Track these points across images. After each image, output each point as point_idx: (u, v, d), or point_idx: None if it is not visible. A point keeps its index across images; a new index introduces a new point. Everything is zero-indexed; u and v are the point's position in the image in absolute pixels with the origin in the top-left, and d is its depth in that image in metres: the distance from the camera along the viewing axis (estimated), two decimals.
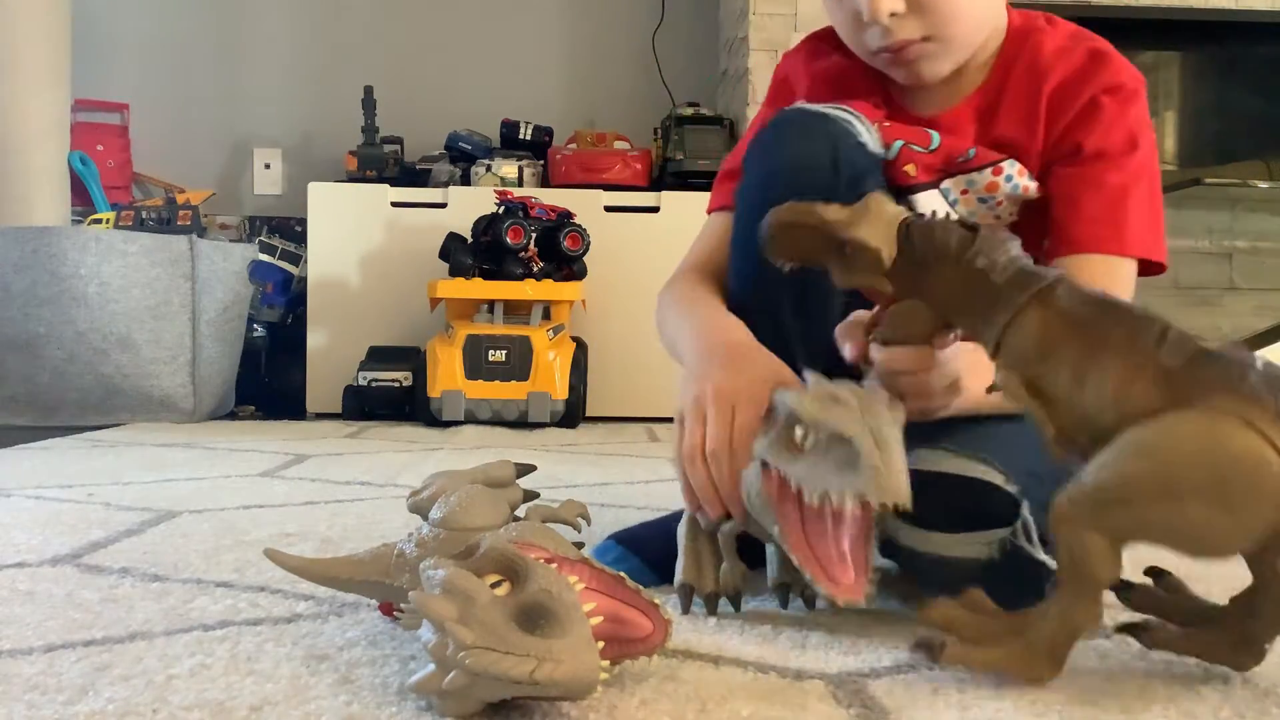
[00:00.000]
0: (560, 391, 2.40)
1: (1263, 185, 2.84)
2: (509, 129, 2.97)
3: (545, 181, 2.87)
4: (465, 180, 2.85)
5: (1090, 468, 0.60)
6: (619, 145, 2.93)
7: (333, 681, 0.62)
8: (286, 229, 3.08)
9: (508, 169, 2.84)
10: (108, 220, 2.68)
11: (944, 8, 0.90)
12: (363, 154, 2.85)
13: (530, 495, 0.81)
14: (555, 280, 2.53)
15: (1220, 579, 0.92)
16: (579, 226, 2.53)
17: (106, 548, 1.01)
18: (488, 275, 2.51)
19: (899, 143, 0.93)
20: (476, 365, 2.42)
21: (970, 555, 0.75)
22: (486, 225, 2.53)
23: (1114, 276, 0.88)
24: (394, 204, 2.75)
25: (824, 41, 1.02)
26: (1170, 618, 0.70)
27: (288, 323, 2.88)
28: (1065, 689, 0.63)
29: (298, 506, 1.27)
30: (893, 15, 0.89)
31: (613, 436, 2.26)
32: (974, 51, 0.94)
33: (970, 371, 0.74)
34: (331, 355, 2.70)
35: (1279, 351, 2.49)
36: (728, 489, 0.75)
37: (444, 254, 2.54)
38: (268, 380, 2.84)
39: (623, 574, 0.61)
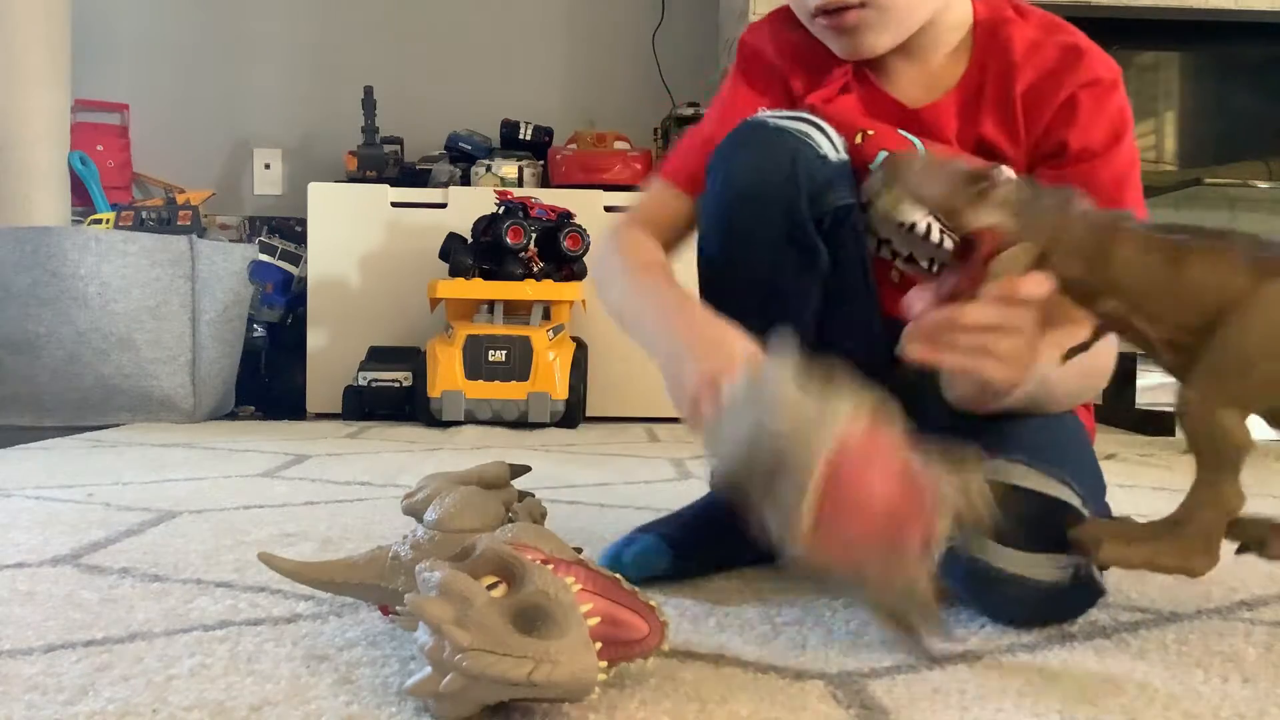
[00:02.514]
0: (560, 392, 2.40)
1: (1263, 185, 2.84)
2: (509, 129, 2.97)
3: (545, 182, 2.87)
4: (465, 180, 2.85)
5: (1206, 356, 0.67)
6: (619, 145, 2.93)
7: (333, 681, 0.62)
8: (286, 229, 3.08)
9: (508, 169, 2.84)
10: (108, 220, 2.68)
11: None
12: (363, 154, 2.86)
13: (525, 495, 0.81)
14: (555, 280, 2.53)
15: None
16: (579, 227, 2.53)
17: (106, 548, 1.01)
18: (488, 275, 2.51)
19: (883, 153, 0.91)
20: (476, 365, 2.42)
21: (1043, 577, 0.73)
22: (486, 225, 2.53)
23: None
24: (394, 204, 2.75)
25: (786, 20, 0.99)
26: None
27: (288, 323, 2.88)
28: (1065, 689, 0.63)
29: (298, 506, 1.27)
30: None
31: (613, 437, 2.26)
32: (926, 38, 0.91)
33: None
34: (331, 355, 2.70)
35: None
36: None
37: (444, 254, 2.55)
38: (268, 380, 2.84)
39: (619, 576, 0.61)
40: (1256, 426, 0.68)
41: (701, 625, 0.76)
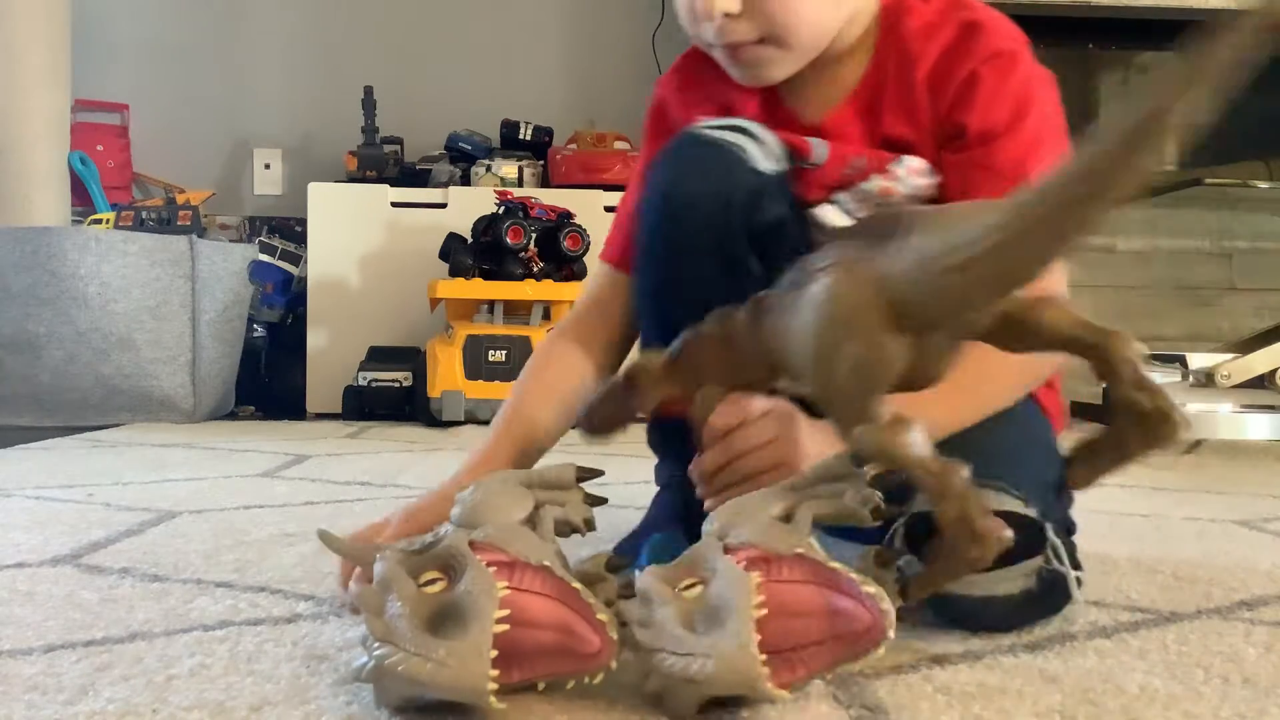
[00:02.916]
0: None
1: (1263, 185, 2.84)
2: (509, 129, 2.97)
3: (545, 182, 2.87)
4: (465, 180, 2.85)
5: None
6: (619, 145, 2.93)
7: (333, 681, 0.62)
8: (286, 229, 3.08)
9: (508, 169, 2.84)
10: (108, 220, 2.68)
11: (782, 12, 0.85)
12: (363, 154, 2.86)
13: (597, 500, 0.78)
14: (555, 280, 2.53)
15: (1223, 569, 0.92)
16: (579, 227, 2.53)
17: (106, 548, 1.01)
18: (488, 275, 2.51)
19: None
20: (476, 365, 2.42)
21: (1012, 590, 0.72)
22: (486, 225, 2.53)
23: None
24: (394, 204, 2.75)
25: (699, 55, 0.97)
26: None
27: (288, 323, 2.88)
28: (1065, 689, 0.63)
29: (298, 506, 1.27)
30: (726, 15, 0.85)
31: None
32: (828, 44, 0.89)
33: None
34: (331, 355, 2.70)
35: (1279, 353, 2.49)
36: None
37: (444, 254, 2.55)
38: (268, 380, 2.84)
39: (578, 587, 0.58)
40: (1264, 428, 0.65)
41: None
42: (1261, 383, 2.48)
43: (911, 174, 0.88)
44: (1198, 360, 2.52)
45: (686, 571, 0.59)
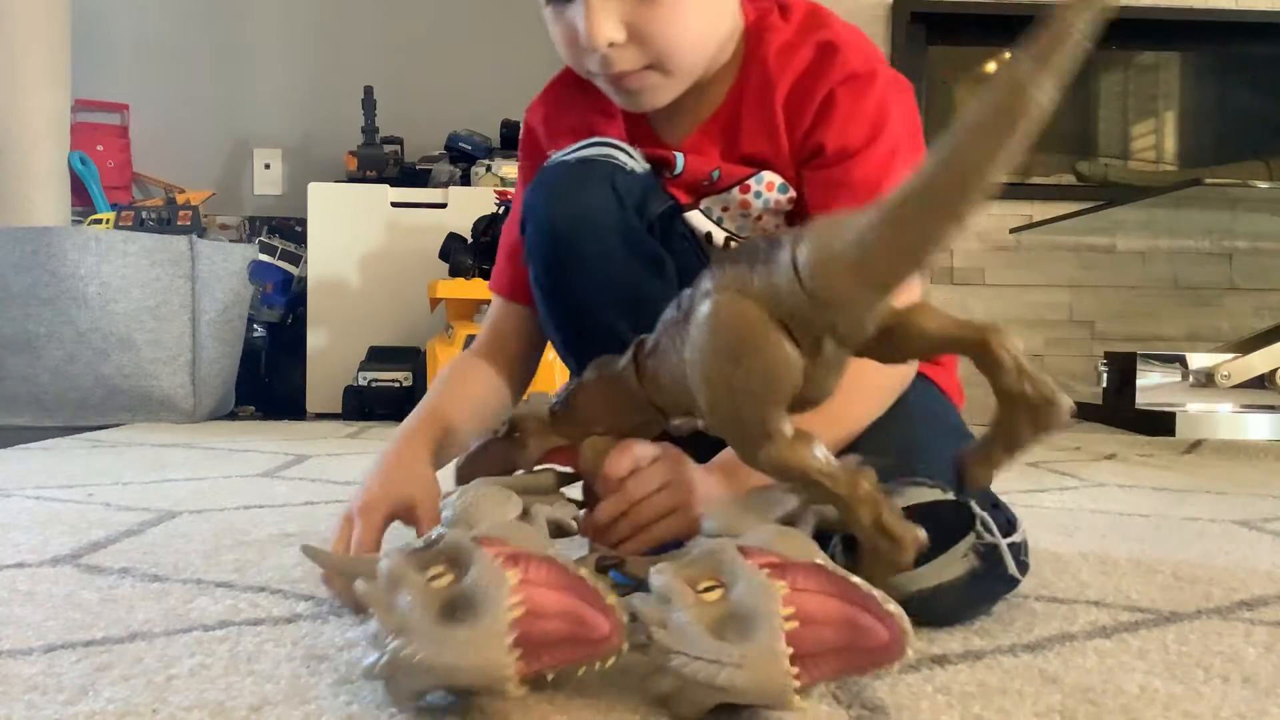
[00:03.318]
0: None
1: (1263, 185, 2.84)
2: (509, 129, 2.97)
3: None
4: (465, 180, 2.85)
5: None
6: None
7: (333, 681, 0.62)
8: (286, 229, 3.08)
9: (508, 169, 2.84)
10: (108, 220, 2.68)
11: (666, 38, 0.85)
12: (363, 154, 2.86)
13: (577, 504, 0.79)
14: None
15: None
16: None
17: (106, 548, 1.01)
18: (488, 275, 2.51)
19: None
20: None
21: (952, 576, 0.72)
22: (486, 225, 2.53)
23: None
24: (394, 204, 2.75)
25: (563, 83, 1.00)
26: None
27: (288, 323, 2.88)
28: (1065, 689, 0.63)
29: (298, 506, 1.27)
30: (611, 45, 0.84)
31: None
32: (704, 68, 0.90)
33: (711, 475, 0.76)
34: (331, 355, 2.70)
35: (1279, 353, 2.49)
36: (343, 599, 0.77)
37: (444, 254, 2.55)
38: (268, 380, 2.84)
39: (584, 574, 0.58)
40: (1264, 428, 0.66)
41: None
42: (1261, 383, 2.48)
43: (767, 189, 0.91)
44: (1198, 360, 2.52)
45: (705, 572, 0.59)
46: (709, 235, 0.94)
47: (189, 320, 2.44)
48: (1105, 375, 2.65)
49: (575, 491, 0.82)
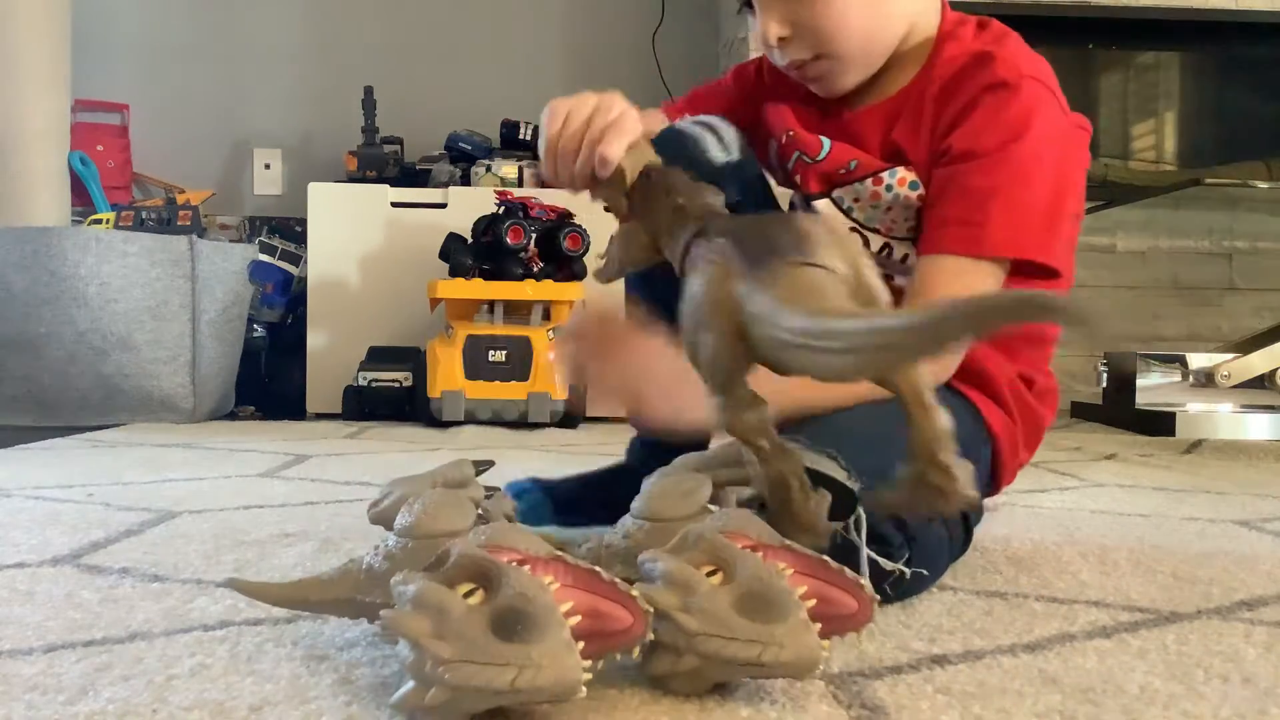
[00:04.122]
0: (560, 392, 2.40)
1: (1263, 185, 2.84)
2: (509, 129, 2.97)
3: (545, 182, 2.87)
4: (465, 180, 2.85)
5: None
6: None
7: (333, 681, 0.62)
8: (286, 229, 3.08)
9: (508, 169, 2.84)
10: (108, 220, 2.68)
11: (824, 29, 0.93)
12: (363, 154, 2.86)
13: (491, 492, 0.80)
14: (555, 280, 2.53)
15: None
16: (579, 227, 2.53)
17: (106, 548, 1.01)
18: (488, 275, 2.51)
19: (797, 154, 0.99)
20: (476, 365, 2.42)
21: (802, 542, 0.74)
22: (486, 225, 2.53)
23: (964, 278, 0.86)
24: (394, 204, 2.75)
25: None
26: None
27: (288, 323, 2.88)
28: (1065, 689, 0.63)
29: (298, 506, 1.27)
30: (780, 39, 0.94)
31: (612, 437, 2.26)
32: (887, 56, 0.96)
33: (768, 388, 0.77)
34: (331, 355, 2.70)
35: (1279, 353, 2.49)
36: (574, 178, 0.87)
37: (444, 254, 2.55)
38: (268, 380, 2.84)
39: (598, 568, 0.59)
40: (1264, 428, 0.66)
41: None
42: (1261, 383, 2.48)
43: (899, 184, 0.94)
44: (1198, 360, 2.52)
45: (702, 558, 0.61)
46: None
47: (189, 320, 2.44)
48: (1105, 375, 2.65)
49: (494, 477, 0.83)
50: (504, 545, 0.60)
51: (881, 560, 0.77)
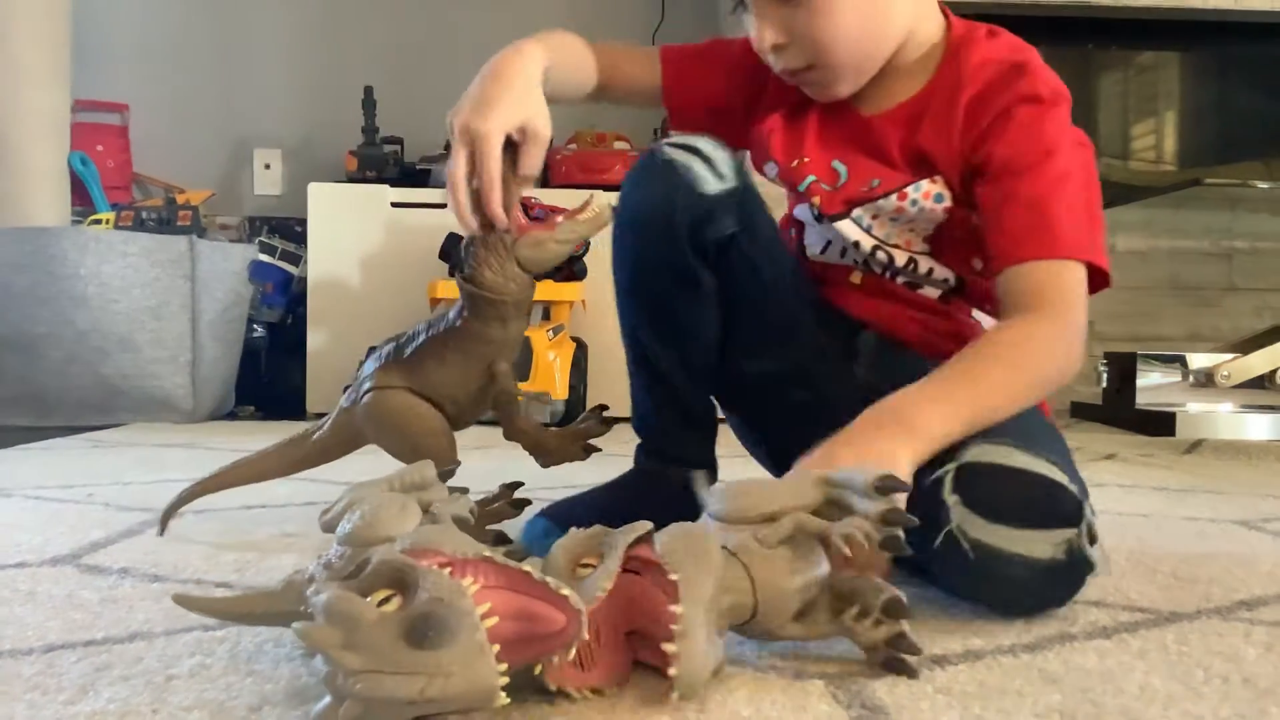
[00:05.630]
0: (560, 392, 2.40)
1: (1263, 185, 2.84)
2: None
3: (545, 182, 2.87)
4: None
5: None
6: (619, 145, 2.93)
7: None
8: (286, 229, 3.08)
9: None
10: (107, 220, 2.68)
11: (819, 39, 0.92)
12: (363, 154, 2.86)
13: (456, 493, 0.78)
14: (555, 280, 2.53)
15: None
16: None
17: (106, 548, 1.01)
18: None
19: (810, 178, 0.97)
20: None
21: (1037, 554, 0.73)
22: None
23: (1057, 280, 0.86)
24: (394, 204, 2.75)
25: None
26: None
27: (288, 323, 2.88)
28: (1065, 689, 0.63)
29: (298, 506, 1.27)
30: (775, 46, 0.94)
31: (612, 436, 2.26)
32: (891, 58, 0.95)
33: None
34: (331, 355, 2.70)
35: (1279, 352, 2.49)
36: (462, 216, 0.97)
37: (444, 254, 2.55)
38: (268, 380, 2.84)
39: (529, 568, 0.57)
40: (1264, 428, 0.66)
41: None
42: (1261, 383, 2.48)
43: (923, 198, 0.94)
44: (1198, 360, 2.52)
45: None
46: (856, 243, 0.97)
47: (189, 320, 2.44)
48: (1105, 375, 2.65)
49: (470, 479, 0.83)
50: (429, 548, 0.58)
51: (1100, 563, 0.76)
